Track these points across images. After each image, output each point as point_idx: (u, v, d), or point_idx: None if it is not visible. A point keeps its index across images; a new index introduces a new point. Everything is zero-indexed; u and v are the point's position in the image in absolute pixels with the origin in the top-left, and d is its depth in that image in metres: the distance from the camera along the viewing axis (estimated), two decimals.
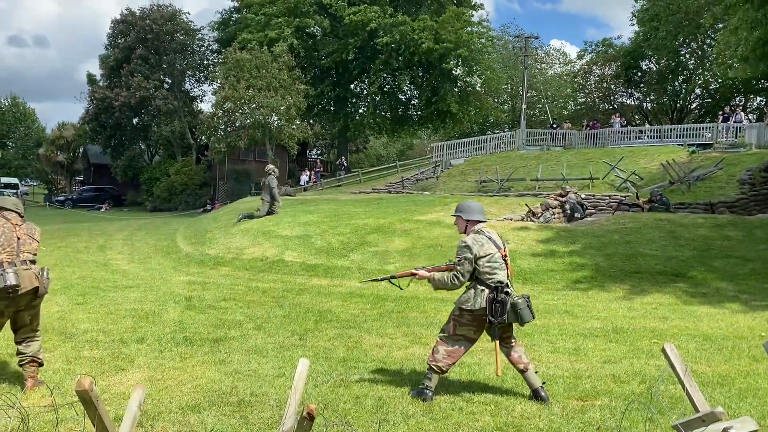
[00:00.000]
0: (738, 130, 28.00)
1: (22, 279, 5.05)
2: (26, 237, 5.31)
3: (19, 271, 5.05)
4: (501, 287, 5.05)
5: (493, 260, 5.10)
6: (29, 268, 5.17)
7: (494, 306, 5.03)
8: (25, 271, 5.11)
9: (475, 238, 5.15)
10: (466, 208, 5.40)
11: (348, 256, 13.31)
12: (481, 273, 5.07)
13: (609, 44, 50.01)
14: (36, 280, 5.17)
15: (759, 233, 13.40)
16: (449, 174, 30.55)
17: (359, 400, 5.17)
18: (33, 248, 5.32)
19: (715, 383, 5.79)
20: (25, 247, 5.26)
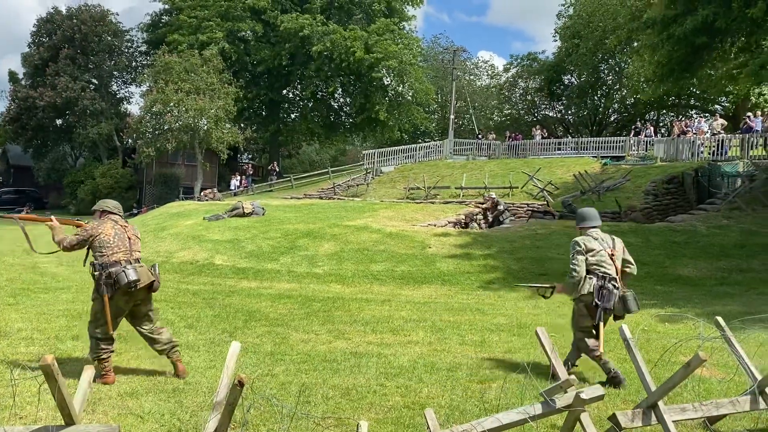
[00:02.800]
0: (648, 143, 30.02)
1: (140, 275, 5.63)
2: (134, 237, 5.91)
3: (136, 268, 5.64)
4: (608, 277, 5.92)
5: (598, 255, 5.97)
6: (142, 266, 5.77)
7: (601, 292, 5.88)
8: (141, 268, 5.71)
9: (583, 238, 6.06)
10: (580, 215, 6.38)
11: (278, 260, 13.82)
12: (589, 265, 5.94)
13: (534, 58, 52.25)
14: (152, 276, 5.78)
15: (655, 239, 14.74)
16: (379, 181, 31.36)
17: (284, 386, 5.78)
18: (139, 247, 5.91)
19: (596, 367, 6.67)
20: (135, 246, 5.85)
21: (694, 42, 17.20)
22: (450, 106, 43.03)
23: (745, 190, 18.85)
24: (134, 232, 5.97)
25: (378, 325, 8.65)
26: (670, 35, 17.27)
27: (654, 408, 4.24)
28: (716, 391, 5.68)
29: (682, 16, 16.92)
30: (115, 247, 5.69)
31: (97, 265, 5.66)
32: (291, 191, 34.19)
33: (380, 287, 12.20)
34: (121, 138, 40.80)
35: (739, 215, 16.78)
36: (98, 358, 5.70)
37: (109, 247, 5.68)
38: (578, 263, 5.92)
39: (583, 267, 5.92)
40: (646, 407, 4.27)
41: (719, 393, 5.60)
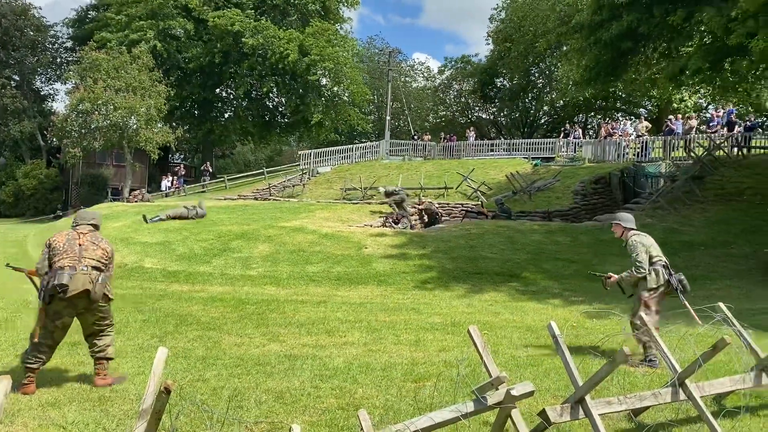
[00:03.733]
0: (576, 145, 30.98)
1: (75, 281, 5.42)
2: (90, 244, 5.72)
3: (73, 275, 5.44)
4: (666, 265, 6.76)
5: (656, 250, 6.78)
6: (87, 273, 5.53)
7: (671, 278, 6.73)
8: (79, 275, 5.48)
9: (639, 237, 6.81)
10: (625, 218, 7.12)
11: (210, 262, 13.54)
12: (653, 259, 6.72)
13: (467, 61, 53.10)
14: (90, 284, 5.50)
15: (584, 238, 15.21)
16: (316, 181, 31.20)
17: (216, 391, 5.65)
18: (97, 255, 5.68)
19: (528, 364, 6.82)
20: (87, 253, 5.65)
21: (620, 47, 17.87)
22: (386, 107, 43.22)
23: (667, 190, 19.69)
24: (92, 240, 5.79)
25: (313, 327, 8.58)
26: (597, 40, 17.87)
27: (581, 402, 4.35)
28: (641, 384, 5.88)
29: (608, 21, 17.54)
30: (63, 253, 5.59)
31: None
32: (225, 192, 33.54)
33: (316, 288, 12.11)
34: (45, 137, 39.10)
35: (661, 214, 17.51)
36: (26, 364, 5.56)
37: (58, 254, 5.59)
38: (643, 260, 6.66)
39: (647, 261, 6.68)
40: (574, 402, 4.38)
41: (644, 386, 5.80)
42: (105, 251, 5.81)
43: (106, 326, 5.85)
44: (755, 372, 5.07)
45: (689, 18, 15.61)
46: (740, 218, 16.52)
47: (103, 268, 5.74)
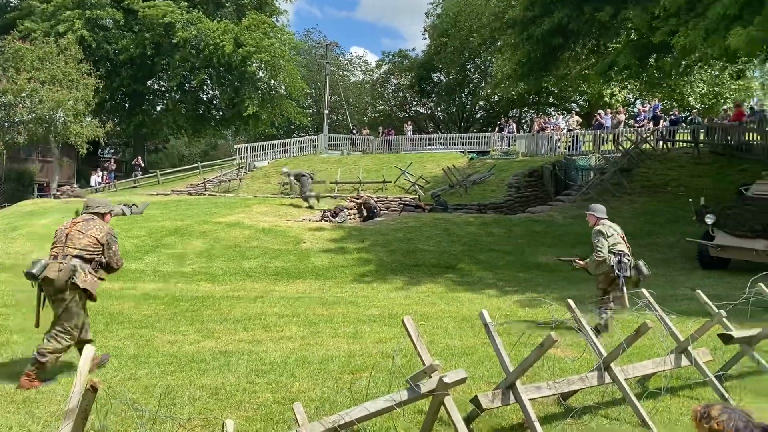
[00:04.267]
0: (511, 139, 31.64)
1: (47, 270, 5.50)
2: (76, 233, 5.72)
3: (47, 264, 5.52)
4: (623, 254, 7.45)
5: (615, 239, 7.52)
6: (62, 262, 5.54)
7: (620, 264, 7.40)
8: (55, 264, 5.52)
9: (602, 227, 7.61)
10: (598, 210, 7.92)
11: (142, 259, 13.18)
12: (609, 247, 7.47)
13: (405, 55, 53.40)
14: (56, 273, 5.48)
15: (517, 230, 15.57)
16: (253, 176, 30.75)
17: (148, 389, 5.52)
18: (82, 244, 5.68)
19: (463, 353, 6.94)
20: (71, 242, 5.67)
21: (551, 42, 18.33)
22: (324, 101, 42.99)
23: (596, 183, 20.37)
24: (81, 228, 5.78)
25: (249, 323, 8.48)
26: (529, 36, 18.28)
27: (512, 388, 4.47)
28: (569, 370, 6.07)
29: (540, 17, 17.97)
30: (55, 243, 5.75)
31: None
32: (157, 187, 32.63)
33: (253, 284, 11.97)
34: None
35: None
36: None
37: (53, 243, 5.77)
38: (602, 246, 7.47)
39: (606, 249, 7.46)
40: (505, 387, 4.49)
41: (572, 371, 6.00)
42: (93, 239, 5.75)
43: (60, 327, 5.69)
44: (675, 354, 5.33)
45: (616, 15, 16.16)
46: (665, 209, 17.25)
47: (89, 256, 5.71)
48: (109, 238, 5.92)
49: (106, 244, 5.86)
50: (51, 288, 5.59)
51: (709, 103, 36.96)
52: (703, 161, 21.24)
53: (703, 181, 18.90)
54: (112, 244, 5.97)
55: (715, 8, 11.98)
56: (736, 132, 22.62)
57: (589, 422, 4.84)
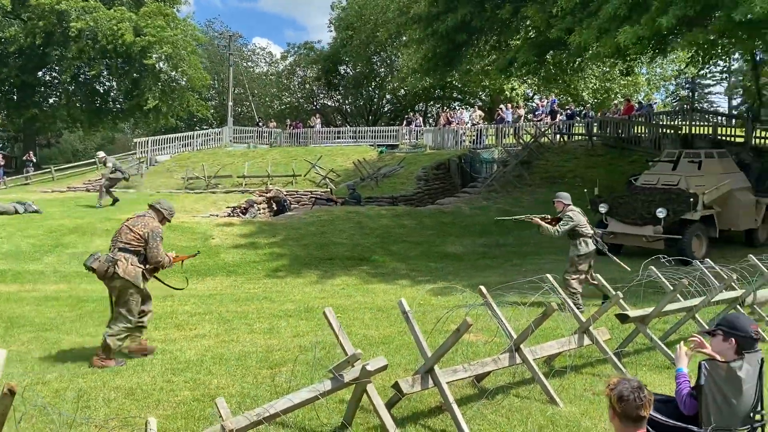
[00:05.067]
0: (418, 133, 32.22)
1: (95, 262, 6.21)
2: (125, 228, 6.39)
3: (100, 257, 6.24)
4: (593, 236, 8.47)
5: (583, 224, 8.42)
6: (108, 255, 6.25)
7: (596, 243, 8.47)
8: (102, 256, 6.26)
9: (572, 213, 8.41)
10: (564, 197, 8.67)
11: (41, 260, 12.53)
12: (581, 231, 8.35)
13: (311, 47, 53.01)
14: (101, 264, 6.17)
15: (428, 221, 15.97)
16: (155, 171, 29.73)
17: (59, 393, 5.33)
18: (127, 238, 6.32)
19: (380, 342, 7.11)
20: (120, 236, 6.37)
21: (455, 38, 18.80)
22: (228, 93, 42.07)
23: (500, 175, 21.17)
24: (131, 224, 6.43)
25: (161, 322, 8.30)
26: (434, 31, 18.66)
27: (431, 372, 4.66)
28: (482, 353, 6.37)
29: (444, 13, 18.37)
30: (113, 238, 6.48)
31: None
32: (52, 184, 30.85)
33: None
34: None
35: (495, 197, 18.81)
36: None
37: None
38: (564, 231, 8.35)
39: (565, 231, 8.35)
40: (424, 372, 4.68)
41: (484, 354, 6.29)
42: (137, 235, 6.34)
43: (117, 314, 6.38)
44: (578, 335, 5.71)
45: (516, 13, 16.80)
46: None
47: (133, 249, 6.31)
48: (151, 235, 6.41)
49: (148, 239, 6.38)
50: (107, 280, 6.32)
51: (601, 98, 39.08)
52: (597, 153, 22.52)
53: (597, 172, 20.07)
54: (151, 241, 6.40)
55: (607, 8, 12.73)
56: (626, 125, 24.10)
57: (502, 401, 5.12)
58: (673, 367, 5.91)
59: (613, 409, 2.86)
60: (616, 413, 2.84)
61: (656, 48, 15.78)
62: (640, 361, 6.19)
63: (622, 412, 2.81)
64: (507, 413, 4.88)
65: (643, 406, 2.79)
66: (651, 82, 42.97)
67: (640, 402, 2.78)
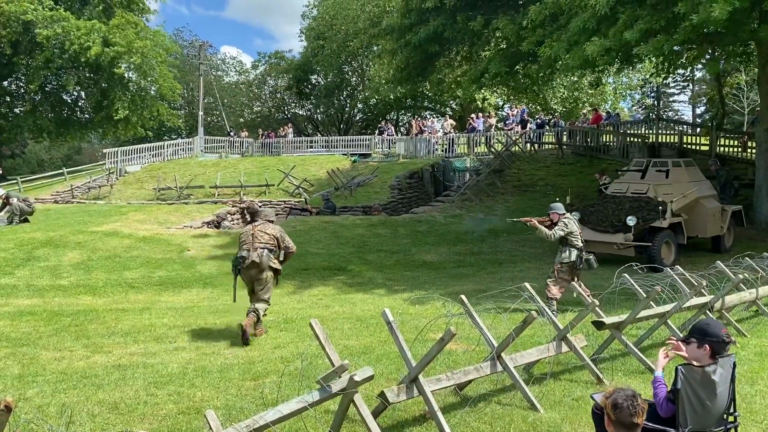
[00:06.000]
0: (390, 142, 32.39)
1: (249, 257, 7.91)
2: (260, 233, 8.08)
3: (250, 253, 7.92)
4: (582, 248, 8.74)
5: (575, 235, 8.71)
6: (260, 252, 7.94)
7: (579, 259, 8.70)
8: (254, 252, 7.93)
9: (567, 221, 8.76)
10: (558, 208, 8.99)
11: (13, 273, 12.32)
12: (571, 241, 8.68)
13: (281, 57, 52.99)
14: (258, 258, 7.90)
15: (402, 230, 16.09)
16: (125, 181, 29.40)
17: (42, 408, 5.30)
18: (264, 239, 8.03)
19: (361, 353, 7.18)
20: (256, 241, 8.02)
21: (428, 49, 19.04)
22: (198, 102, 41.79)
23: (473, 183, 21.41)
24: (262, 229, 8.11)
25: (139, 335, 8.25)
26: (406, 42, 18.88)
27: (415, 381, 4.76)
28: (462, 361, 6.48)
29: (416, 25, 18.61)
30: (241, 242, 8.16)
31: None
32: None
33: (137, 295, 11.55)
34: None
35: (469, 205, 19.03)
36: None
37: (241, 242, 8.19)
38: (560, 233, 8.66)
39: (560, 236, 8.66)
40: (409, 382, 4.77)
41: (465, 362, 6.41)
42: (271, 236, 8.11)
43: (263, 293, 8.11)
44: (556, 342, 5.86)
45: (487, 25, 17.09)
46: (535, 206, 18.45)
47: (272, 248, 8.07)
48: (281, 233, 8.23)
49: (279, 237, 8.16)
50: (255, 270, 7.96)
51: (569, 107, 39.80)
52: (567, 162, 22.92)
53: (568, 180, 20.44)
54: (284, 236, 8.24)
55: (576, 22, 13.06)
56: (594, 134, 24.59)
57: (485, 409, 5.23)
58: (647, 372, 6.13)
59: (608, 417, 3.01)
60: (611, 420, 3.00)
61: (623, 59, 16.19)
62: (615, 366, 6.36)
63: (616, 419, 2.96)
64: (490, 420, 4.99)
65: (637, 414, 2.94)
66: (617, 91, 43.90)
67: (634, 410, 2.93)
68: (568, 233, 8.75)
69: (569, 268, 8.77)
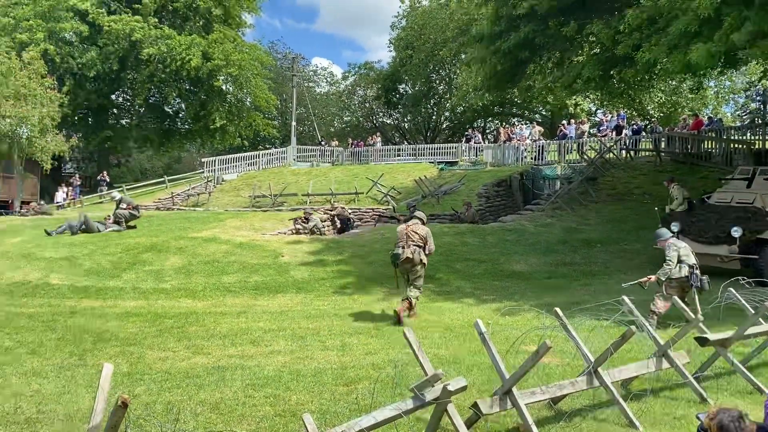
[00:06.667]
0: (477, 149, 32.13)
1: (404, 253, 9.62)
2: (412, 233, 9.76)
3: (405, 249, 9.64)
4: (693, 266, 8.65)
5: (684, 253, 8.69)
6: (409, 247, 9.66)
7: (691, 276, 8.58)
8: (407, 249, 9.65)
9: (674, 241, 8.91)
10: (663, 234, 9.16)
11: (121, 276, 13.11)
12: (681, 259, 8.64)
13: (370, 67, 53.80)
14: (411, 254, 9.62)
15: (491, 239, 15.90)
16: (222, 189, 30.63)
17: (149, 406, 5.62)
18: (415, 238, 9.71)
19: (451, 362, 7.16)
20: (410, 239, 9.72)
21: (518, 56, 18.78)
22: (291, 113, 43.05)
23: (564, 192, 20.89)
24: (414, 229, 9.81)
25: (237, 338, 8.58)
26: (496, 49, 18.69)
27: (509, 394, 4.71)
28: (555, 375, 6.35)
29: (506, 32, 18.40)
30: (398, 240, 9.85)
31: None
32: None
33: (234, 299, 12.03)
34: None
35: (560, 214, 18.57)
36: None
37: (397, 239, 9.86)
38: (672, 259, 8.60)
39: (675, 259, 8.60)
40: (502, 393, 4.73)
41: (558, 376, 6.28)
42: (421, 236, 9.73)
43: (416, 281, 9.84)
44: (656, 358, 5.64)
45: (581, 30, 16.67)
46: (631, 216, 17.80)
47: (421, 245, 9.70)
48: (428, 234, 9.86)
49: (426, 237, 9.77)
50: (409, 264, 9.68)
51: (667, 111, 38.14)
52: (665, 169, 21.94)
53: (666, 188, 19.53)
54: (429, 238, 9.83)
55: (677, 25, 12.51)
56: (695, 141, 23.44)
57: (580, 424, 5.10)
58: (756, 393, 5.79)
59: None
60: None
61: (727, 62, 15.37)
62: (720, 385, 6.05)
63: None
64: None
65: None
66: (720, 95, 41.69)
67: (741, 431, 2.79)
68: (678, 253, 8.69)
69: (679, 285, 8.66)
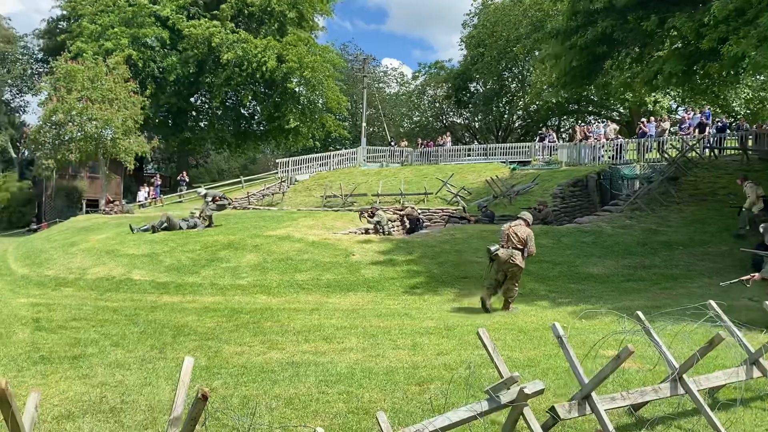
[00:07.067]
0: (552, 149, 31.44)
1: (500, 253, 10.17)
2: (513, 234, 10.19)
3: (501, 249, 10.18)
4: None
5: None
6: (507, 248, 10.18)
7: None
8: (505, 249, 10.18)
9: None
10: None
11: (199, 273, 13.54)
12: None
13: (441, 66, 53.63)
14: (507, 255, 10.16)
15: (566, 240, 15.51)
16: (295, 189, 31.22)
17: (225, 399, 5.75)
18: (515, 240, 10.14)
19: (525, 365, 7.00)
20: (510, 240, 10.16)
21: (595, 51, 18.26)
22: (362, 114, 43.42)
23: (644, 192, 20.13)
24: (515, 231, 10.24)
25: (310, 334, 8.69)
26: (572, 45, 18.24)
27: (588, 399, 4.55)
28: (635, 381, 6.11)
29: (583, 27, 17.92)
30: (500, 239, 10.37)
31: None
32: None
33: (307, 296, 12.21)
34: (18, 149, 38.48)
35: (639, 215, 17.91)
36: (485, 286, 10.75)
37: (500, 238, 10.37)
38: None
39: None
40: (581, 398, 4.57)
41: (638, 382, 6.03)
42: (521, 238, 10.14)
43: (513, 284, 10.33)
44: (746, 366, 5.33)
45: (662, 24, 16.04)
46: (715, 218, 16.98)
47: (521, 247, 10.10)
48: (528, 237, 10.21)
49: (526, 240, 10.13)
50: (504, 264, 10.15)
51: (755, 108, 36.23)
52: (753, 168, 20.82)
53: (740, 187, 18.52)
54: (529, 241, 10.18)
55: (766, 15, 11.86)
56: None
57: None
58: None
59: None
60: None
61: None
62: None
63: None
64: None
65: None
66: None
67: None
68: None
69: None
